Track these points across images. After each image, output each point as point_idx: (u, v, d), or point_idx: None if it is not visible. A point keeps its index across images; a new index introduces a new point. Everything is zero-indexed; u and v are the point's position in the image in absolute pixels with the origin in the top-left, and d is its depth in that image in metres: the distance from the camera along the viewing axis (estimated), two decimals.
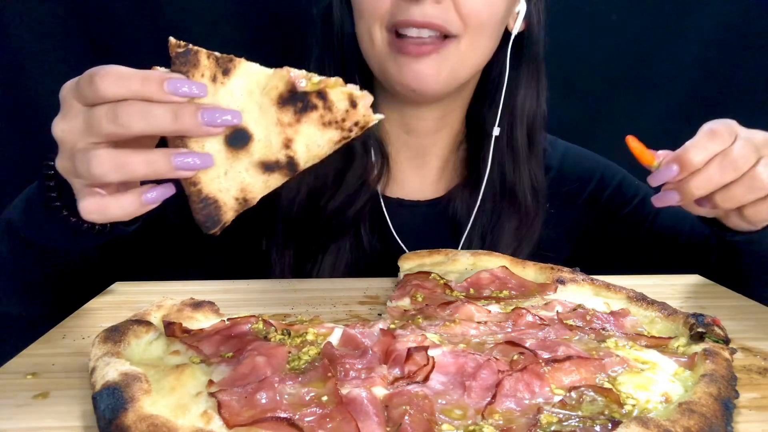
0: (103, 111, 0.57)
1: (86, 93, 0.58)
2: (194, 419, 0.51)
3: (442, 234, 1.16)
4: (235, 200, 0.60)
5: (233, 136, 0.59)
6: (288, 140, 0.60)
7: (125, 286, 0.92)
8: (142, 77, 0.57)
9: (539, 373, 0.57)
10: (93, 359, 0.59)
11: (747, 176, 0.79)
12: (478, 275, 0.87)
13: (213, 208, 0.60)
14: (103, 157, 0.58)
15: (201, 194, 0.59)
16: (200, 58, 0.58)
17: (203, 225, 0.60)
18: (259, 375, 0.57)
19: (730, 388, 0.56)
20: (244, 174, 0.60)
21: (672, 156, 0.81)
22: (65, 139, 0.61)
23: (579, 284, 0.85)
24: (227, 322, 0.70)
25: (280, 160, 0.60)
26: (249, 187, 0.60)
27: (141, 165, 0.58)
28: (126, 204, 0.60)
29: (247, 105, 0.59)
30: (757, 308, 0.85)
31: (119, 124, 0.57)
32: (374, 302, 0.87)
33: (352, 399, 0.53)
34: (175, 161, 0.57)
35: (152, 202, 0.61)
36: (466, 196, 1.16)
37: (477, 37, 1.00)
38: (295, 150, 0.60)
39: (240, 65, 0.59)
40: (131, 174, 0.58)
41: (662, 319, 0.74)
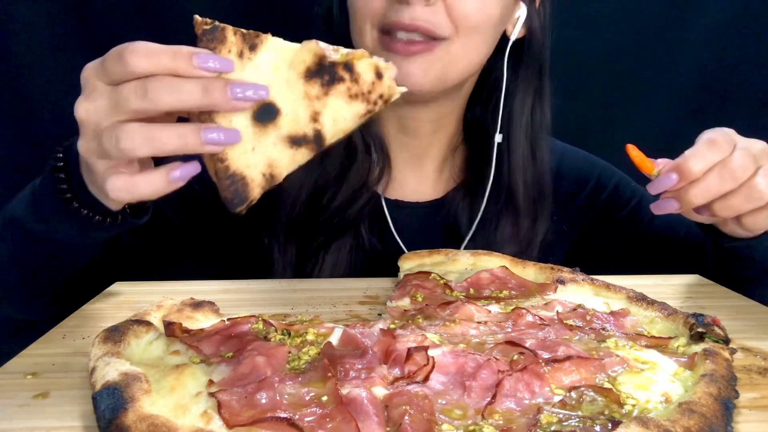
0: (131, 87, 0.57)
1: (114, 70, 0.58)
2: (194, 419, 0.51)
3: (441, 236, 1.16)
4: (263, 176, 0.60)
5: (261, 111, 0.59)
6: (315, 113, 0.60)
7: (125, 286, 0.92)
8: (172, 52, 0.57)
9: (539, 373, 0.57)
10: (93, 359, 0.59)
11: (745, 186, 0.79)
12: (478, 275, 0.87)
13: (240, 185, 0.59)
14: (134, 131, 0.57)
15: (228, 171, 0.58)
16: (227, 34, 0.58)
17: (230, 202, 0.59)
18: (259, 375, 0.57)
19: (730, 388, 0.56)
20: (271, 149, 0.59)
21: (671, 165, 0.82)
22: (89, 119, 0.61)
23: (579, 284, 0.85)
24: (227, 322, 0.70)
25: (308, 134, 0.60)
26: (276, 162, 0.60)
27: (171, 138, 0.57)
28: (154, 181, 0.60)
29: (274, 80, 0.59)
30: (757, 308, 0.85)
31: (149, 99, 0.56)
32: (374, 302, 0.87)
33: (352, 399, 0.53)
34: (204, 136, 0.57)
35: (179, 180, 0.60)
36: (466, 200, 1.15)
37: (469, 41, 0.99)
38: (323, 123, 0.60)
39: (267, 41, 0.59)
40: (161, 148, 0.58)
41: (662, 319, 0.74)
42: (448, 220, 1.16)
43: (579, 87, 1.56)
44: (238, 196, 0.59)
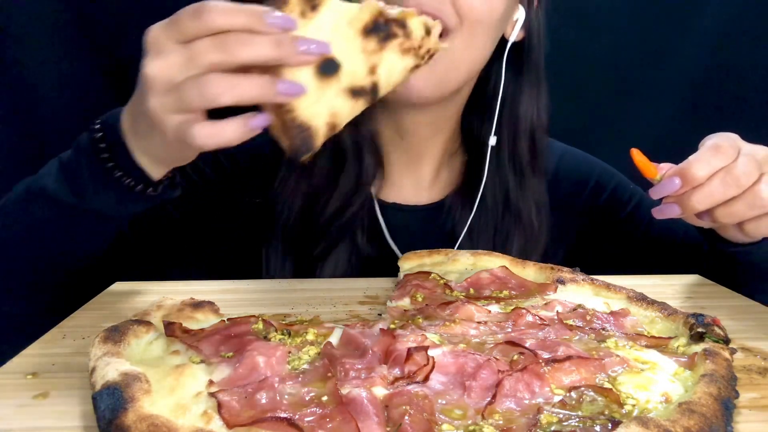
0: (206, 42, 0.61)
1: (189, 26, 0.62)
2: (194, 419, 0.51)
3: (437, 240, 1.15)
4: (326, 125, 0.64)
5: (323, 65, 0.63)
6: (373, 66, 0.65)
7: (125, 286, 0.92)
8: (248, 11, 0.61)
9: (539, 373, 0.57)
10: (93, 359, 0.58)
11: (749, 193, 0.79)
12: (478, 275, 0.87)
13: (307, 134, 0.63)
14: (218, 79, 0.61)
15: (296, 120, 0.63)
16: None
17: (298, 150, 0.63)
18: (259, 375, 0.57)
19: (730, 388, 0.56)
20: (334, 100, 0.64)
21: (675, 170, 0.81)
22: (161, 76, 0.63)
23: (579, 284, 0.85)
24: (227, 322, 0.70)
25: (365, 86, 0.65)
26: (338, 112, 0.65)
27: (252, 87, 0.61)
28: (238, 127, 0.63)
29: (333, 37, 0.64)
30: (757, 308, 0.85)
31: (227, 52, 0.60)
32: (374, 302, 0.87)
33: (352, 399, 0.53)
34: (278, 86, 0.61)
35: (257, 128, 0.64)
36: (463, 205, 1.14)
37: (472, 35, 0.97)
38: (379, 75, 0.66)
39: (327, 1, 0.64)
40: (242, 95, 0.61)
41: (662, 319, 0.74)
42: (446, 225, 1.15)
43: (579, 87, 1.57)
44: (306, 144, 0.64)
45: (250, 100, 0.62)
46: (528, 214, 1.12)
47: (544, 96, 1.14)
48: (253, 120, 0.64)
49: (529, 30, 1.09)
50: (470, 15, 0.95)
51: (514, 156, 1.12)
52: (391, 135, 1.14)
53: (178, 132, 0.64)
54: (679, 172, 0.80)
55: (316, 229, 1.09)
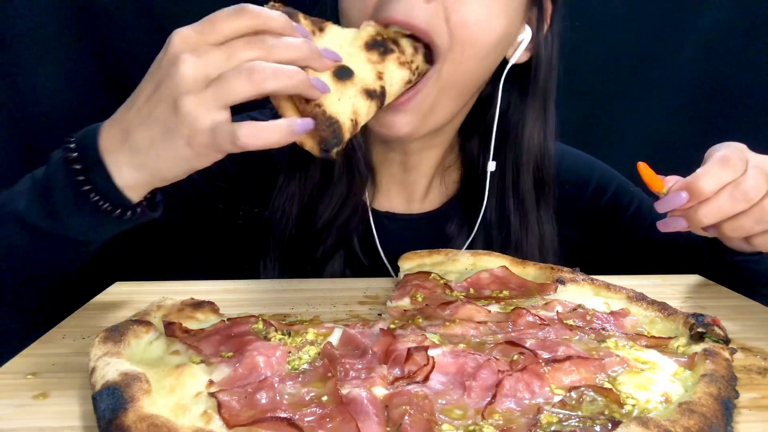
0: (245, 41, 0.65)
1: (226, 27, 0.65)
2: (194, 419, 0.51)
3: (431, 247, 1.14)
4: (350, 121, 0.71)
5: (339, 71, 0.71)
6: (379, 73, 0.76)
7: (125, 286, 0.92)
8: (279, 16, 0.67)
9: (539, 373, 0.57)
10: (93, 359, 0.59)
11: (757, 207, 0.77)
12: (478, 275, 0.87)
13: (336, 127, 0.69)
14: (262, 66, 0.64)
15: (326, 114, 0.68)
16: (299, 18, 0.73)
17: (329, 142, 0.69)
18: (259, 375, 0.57)
19: (730, 388, 0.56)
20: (353, 99, 0.72)
21: (682, 183, 0.80)
22: (198, 73, 0.64)
23: (579, 284, 0.85)
24: (227, 322, 0.70)
25: (376, 89, 0.74)
26: (358, 110, 0.72)
27: (288, 78, 0.65)
28: (281, 128, 0.65)
29: (341, 53, 0.73)
30: (757, 308, 0.85)
31: (264, 49, 0.64)
32: (374, 302, 0.87)
33: (352, 399, 0.53)
34: (312, 80, 0.67)
35: (299, 131, 0.66)
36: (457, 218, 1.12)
37: (464, 57, 0.88)
38: (386, 81, 0.76)
39: (330, 27, 0.75)
40: (283, 83, 0.64)
41: (662, 319, 0.74)
42: (439, 236, 1.12)
43: (579, 88, 1.56)
44: (336, 136, 0.69)
45: (291, 89, 0.66)
46: (529, 249, 1.08)
47: (552, 122, 1.09)
48: (297, 123, 0.66)
49: (537, 52, 1.03)
50: (463, 34, 0.86)
51: (517, 187, 1.08)
52: (380, 148, 1.11)
53: (213, 132, 0.64)
54: (687, 186, 0.79)
55: (311, 238, 1.08)
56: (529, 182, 1.08)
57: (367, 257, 1.11)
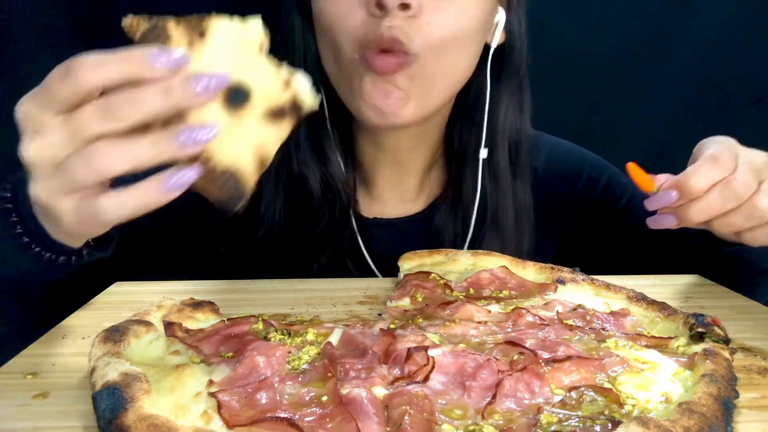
0: (89, 110, 0.52)
1: (62, 92, 0.53)
2: (194, 419, 0.52)
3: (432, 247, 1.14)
4: (253, 163, 0.56)
5: (231, 96, 0.55)
6: (286, 81, 0.57)
7: (125, 286, 0.92)
8: (122, 58, 0.52)
9: (539, 373, 0.57)
10: (93, 359, 0.59)
11: (746, 204, 0.77)
12: (478, 275, 0.87)
13: (235, 180, 0.56)
14: (105, 148, 0.52)
15: (217, 170, 0.55)
16: (169, 30, 0.54)
17: (228, 204, 0.56)
18: (259, 375, 0.57)
19: (730, 388, 0.56)
20: (254, 131, 0.56)
21: (672, 182, 0.80)
22: (44, 157, 0.54)
23: (579, 284, 0.85)
24: (227, 322, 0.70)
25: (284, 105, 0.57)
26: (263, 143, 0.56)
27: (145, 149, 0.52)
28: (151, 191, 0.54)
29: (233, 60, 0.55)
30: (757, 308, 0.85)
31: (112, 118, 0.52)
32: (374, 302, 0.87)
33: (352, 399, 0.53)
34: (179, 138, 0.52)
35: (174, 189, 0.54)
36: (448, 214, 1.12)
37: (444, 55, 0.90)
38: (295, 89, 0.57)
39: (212, 23, 0.55)
40: (137, 161, 0.53)
41: (662, 319, 0.74)
42: (429, 234, 1.12)
43: (579, 87, 1.56)
44: (237, 193, 0.56)
45: (149, 163, 0.53)
46: (505, 220, 1.09)
47: (527, 100, 1.10)
48: (169, 180, 0.53)
49: (510, 32, 1.04)
50: (436, 36, 0.88)
51: (493, 165, 1.09)
52: (372, 151, 1.11)
53: (77, 214, 0.55)
54: (676, 185, 0.79)
55: (299, 250, 1.07)
56: (505, 158, 1.09)
57: (357, 267, 1.10)
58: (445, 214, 1.12)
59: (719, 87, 1.55)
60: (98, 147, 0.52)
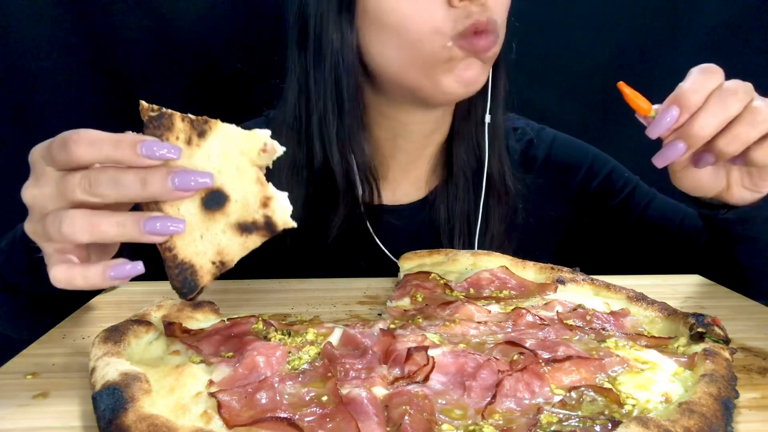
0: (76, 179, 0.57)
1: (59, 158, 0.58)
2: (194, 419, 0.52)
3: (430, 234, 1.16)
4: (212, 264, 0.60)
5: (209, 197, 0.59)
6: (267, 199, 0.59)
7: (125, 286, 0.92)
8: (115, 141, 0.56)
9: (539, 373, 0.57)
10: (93, 359, 0.59)
11: (747, 111, 0.76)
12: (478, 275, 0.87)
13: (189, 273, 0.59)
14: (75, 217, 0.57)
15: (176, 259, 0.59)
16: (174, 121, 0.58)
17: (180, 291, 0.60)
18: (259, 375, 0.57)
19: (730, 388, 0.56)
20: (220, 236, 0.59)
21: (669, 100, 0.78)
22: (36, 204, 0.60)
23: (579, 284, 0.85)
24: (227, 322, 0.70)
25: (257, 220, 0.59)
26: (226, 250, 0.59)
27: (111, 226, 0.57)
28: (91, 275, 0.58)
29: (224, 166, 0.59)
30: (757, 308, 0.85)
31: (91, 192, 0.57)
32: (374, 302, 0.87)
33: (352, 399, 0.53)
34: (144, 225, 0.57)
35: (116, 279, 0.59)
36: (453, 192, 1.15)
37: (503, 25, 0.98)
38: (274, 209, 0.59)
39: (216, 127, 0.58)
40: (101, 235, 0.57)
41: (662, 319, 0.74)
42: (437, 217, 1.15)
43: (579, 87, 1.56)
44: (188, 285, 0.60)
45: (112, 240, 0.58)
46: (508, 184, 1.13)
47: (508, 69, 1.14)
48: (113, 270, 0.58)
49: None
50: (503, 7, 0.97)
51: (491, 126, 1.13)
52: (388, 138, 1.13)
53: (48, 262, 0.60)
54: (674, 100, 0.77)
55: (313, 251, 1.08)
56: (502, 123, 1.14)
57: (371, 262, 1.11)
58: (451, 196, 1.14)
59: None
60: (71, 214, 0.57)
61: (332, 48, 1.00)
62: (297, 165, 1.07)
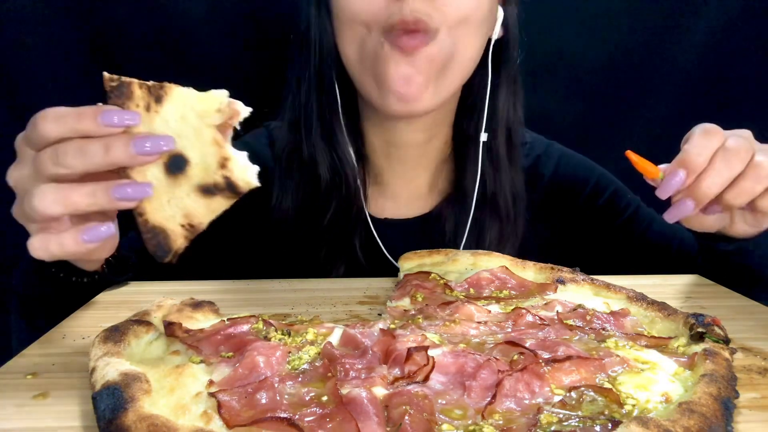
0: (47, 153, 0.59)
1: (32, 137, 0.60)
2: (194, 419, 0.51)
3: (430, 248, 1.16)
4: (182, 227, 0.61)
5: (171, 162, 0.60)
6: (224, 159, 0.60)
7: (125, 286, 0.92)
8: (77, 114, 0.59)
9: (539, 373, 0.57)
10: (93, 359, 0.59)
11: (751, 167, 0.79)
12: (478, 275, 0.87)
13: (161, 238, 0.61)
14: (46, 190, 0.59)
15: (148, 224, 0.61)
16: (133, 89, 0.59)
17: (155, 255, 0.61)
18: (259, 375, 0.57)
19: (730, 388, 0.56)
20: (186, 200, 0.61)
21: (674, 163, 0.80)
22: (18, 185, 0.64)
23: (579, 284, 0.85)
24: (227, 322, 0.70)
25: (218, 182, 0.60)
26: (193, 213, 0.61)
27: (81, 197, 0.59)
28: (64, 241, 0.60)
29: (182, 130, 0.60)
30: (757, 308, 0.85)
31: (59, 164, 0.59)
32: (374, 302, 0.87)
33: (352, 399, 0.53)
34: (113, 192, 0.59)
35: (90, 242, 0.61)
36: (454, 211, 1.15)
37: (460, 35, 0.96)
38: (232, 169, 0.60)
39: (171, 91, 0.60)
40: (73, 206, 0.59)
41: (662, 319, 0.74)
42: (438, 234, 1.14)
43: (579, 87, 1.56)
44: (161, 249, 0.61)
45: (84, 210, 0.60)
46: (503, 203, 1.13)
47: (520, 91, 1.15)
48: (85, 232, 0.61)
49: (506, 27, 1.09)
50: (455, 14, 0.95)
51: (490, 149, 1.13)
52: (385, 147, 1.13)
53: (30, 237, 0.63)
54: (681, 164, 0.79)
55: (313, 249, 1.09)
56: (502, 145, 1.14)
57: (372, 264, 1.11)
58: (451, 212, 1.15)
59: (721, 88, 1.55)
60: (40, 190, 0.59)
61: (314, 47, 1.03)
62: (291, 162, 1.09)
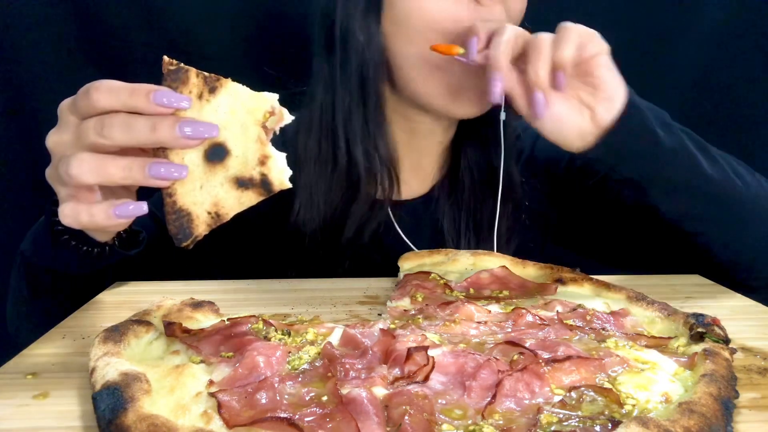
0: (91, 122, 0.61)
1: (81, 105, 0.62)
2: (194, 419, 0.51)
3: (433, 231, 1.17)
4: (208, 214, 0.62)
5: (212, 150, 0.62)
6: (265, 157, 0.62)
7: (125, 286, 0.92)
8: (131, 89, 0.60)
9: (539, 373, 0.57)
10: (93, 359, 0.59)
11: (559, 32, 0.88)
12: (478, 275, 0.87)
13: (185, 221, 0.62)
14: (83, 159, 0.61)
15: (175, 206, 0.62)
16: (190, 76, 0.61)
17: (175, 237, 0.62)
18: (259, 375, 0.57)
19: (730, 388, 0.56)
20: (218, 188, 0.62)
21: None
22: (56, 150, 0.65)
23: (579, 284, 0.85)
24: (227, 322, 0.70)
25: (254, 177, 0.62)
26: (222, 202, 0.62)
27: (117, 169, 0.60)
28: (95, 213, 0.62)
29: (229, 122, 0.62)
30: (757, 308, 0.85)
31: (103, 135, 0.60)
32: (374, 302, 0.87)
33: (352, 399, 0.53)
34: (149, 170, 0.60)
35: (120, 217, 0.62)
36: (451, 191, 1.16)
37: None
38: (270, 168, 0.63)
39: (226, 85, 0.62)
40: (107, 177, 0.61)
41: (662, 319, 0.74)
42: (442, 213, 1.16)
43: None
44: (183, 232, 0.62)
45: (118, 182, 0.61)
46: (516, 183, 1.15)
47: None
48: (118, 209, 0.62)
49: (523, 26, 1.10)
50: (517, 13, 1.01)
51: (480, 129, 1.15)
52: (404, 137, 1.15)
53: (61, 203, 0.64)
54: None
55: (336, 250, 1.10)
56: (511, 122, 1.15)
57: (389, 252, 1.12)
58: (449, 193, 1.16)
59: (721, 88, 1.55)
60: (78, 157, 0.61)
61: (358, 49, 1.02)
62: (322, 160, 1.09)
